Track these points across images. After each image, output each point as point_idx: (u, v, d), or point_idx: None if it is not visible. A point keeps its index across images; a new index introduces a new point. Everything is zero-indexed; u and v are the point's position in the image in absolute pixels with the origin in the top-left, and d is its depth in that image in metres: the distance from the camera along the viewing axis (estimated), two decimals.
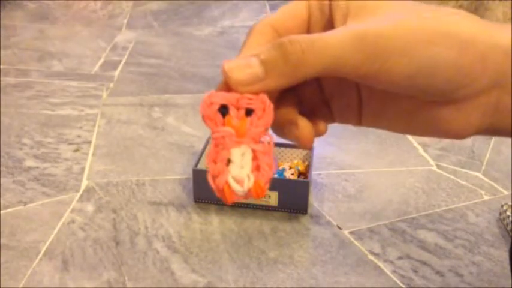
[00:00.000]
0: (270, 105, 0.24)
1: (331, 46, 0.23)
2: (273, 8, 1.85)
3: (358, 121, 0.29)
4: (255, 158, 0.24)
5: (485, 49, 0.23)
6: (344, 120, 0.29)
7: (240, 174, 0.24)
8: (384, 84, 0.24)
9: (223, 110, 0.24)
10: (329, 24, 0.26)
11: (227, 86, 0.25)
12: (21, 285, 0.66)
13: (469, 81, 0.23)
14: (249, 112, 0.24)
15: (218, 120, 0.24)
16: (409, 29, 0.23)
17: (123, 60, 1.38)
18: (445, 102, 0.25)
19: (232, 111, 0.24)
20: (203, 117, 0.24)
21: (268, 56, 0.23)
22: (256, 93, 0.24)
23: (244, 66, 0.24)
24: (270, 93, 0.25)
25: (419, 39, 0.23)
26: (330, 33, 0.24)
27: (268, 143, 0.24)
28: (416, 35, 0.23)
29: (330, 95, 0.29)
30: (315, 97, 0.29)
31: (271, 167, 0.24)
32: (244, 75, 0.24)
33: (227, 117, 0.24)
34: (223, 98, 0.24)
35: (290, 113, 0.27)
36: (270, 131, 0.25)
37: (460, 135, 0.26)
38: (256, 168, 0.24)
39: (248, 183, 0.24)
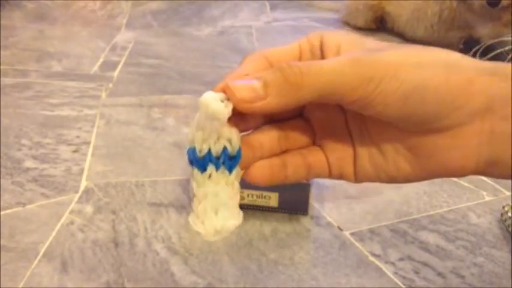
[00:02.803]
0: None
1: (327, 68, 0.24)
2: (273, 7, 1.85)
3: (354, 171, 0.30)
4: None
5: (471, 72, 0.25)
6: (341, 171, 0.30)
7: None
8: (379, 108, 0.25)
9: None
10: None
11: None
12: (20, 287, 0.65)
13: (458, 104, 0.24)
14: None
15: None
16: (400, 56, 0.25)
17: (123, 61, 1.38)
18: (440, 130, 0.25)
19: None
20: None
21: (269, 77, 0.25)
22: (257, 112, 0.26)
23: (247, 85, 0.25)
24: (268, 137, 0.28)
25: (410, 64, 0.24)
26: (325, 60, 0.26)
27: None
28: (406, 60, 0.25)
29: (321, 144, 0.30)
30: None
31: None
32: (247, 94, 0.25)
33: None
34: None
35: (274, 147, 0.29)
36: None
37: (462, 168, 0.26)
38: None
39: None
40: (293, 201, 0.78)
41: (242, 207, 0.81)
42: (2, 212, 0.79)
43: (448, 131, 0.25)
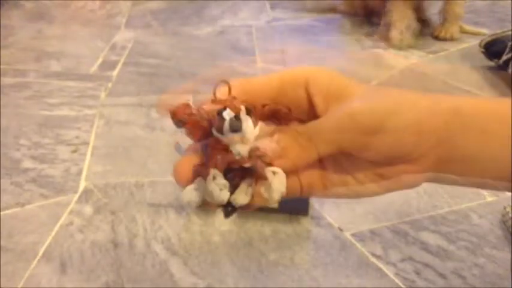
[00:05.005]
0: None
1: (329, 128, 0.30)
2: (273, 7, 1.84)
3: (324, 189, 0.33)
4: None
5: (447, 116, 0.30)
6: (311, 190, 0.33)
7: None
8: (371, 153, 0.30)
9: None
10: (299, 100, 0.32)
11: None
12: (19, 287, 0.65)
13: (433, 141, 0.30)
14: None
15: None
16: (385, 105, 0.30)
17: (122, 60, 1.37)
18: (405, 162, 0.31)
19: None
20: None
21: (284, 142, 0.30)
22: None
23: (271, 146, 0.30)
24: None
25: (393, 112, 0.29)
26: (326, 119, 0.31)
27: None
28: (390, 109, 0.30)
29: None
30: None
31: None
32: (271, 154, 0.29)
33: None
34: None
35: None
36: None
37: (417, 183, 0.32)
38: None
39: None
40: (293, 201, 0.78)
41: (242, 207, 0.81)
42: (1, 213, 0.79)
43: (411, 161, 0.31)
